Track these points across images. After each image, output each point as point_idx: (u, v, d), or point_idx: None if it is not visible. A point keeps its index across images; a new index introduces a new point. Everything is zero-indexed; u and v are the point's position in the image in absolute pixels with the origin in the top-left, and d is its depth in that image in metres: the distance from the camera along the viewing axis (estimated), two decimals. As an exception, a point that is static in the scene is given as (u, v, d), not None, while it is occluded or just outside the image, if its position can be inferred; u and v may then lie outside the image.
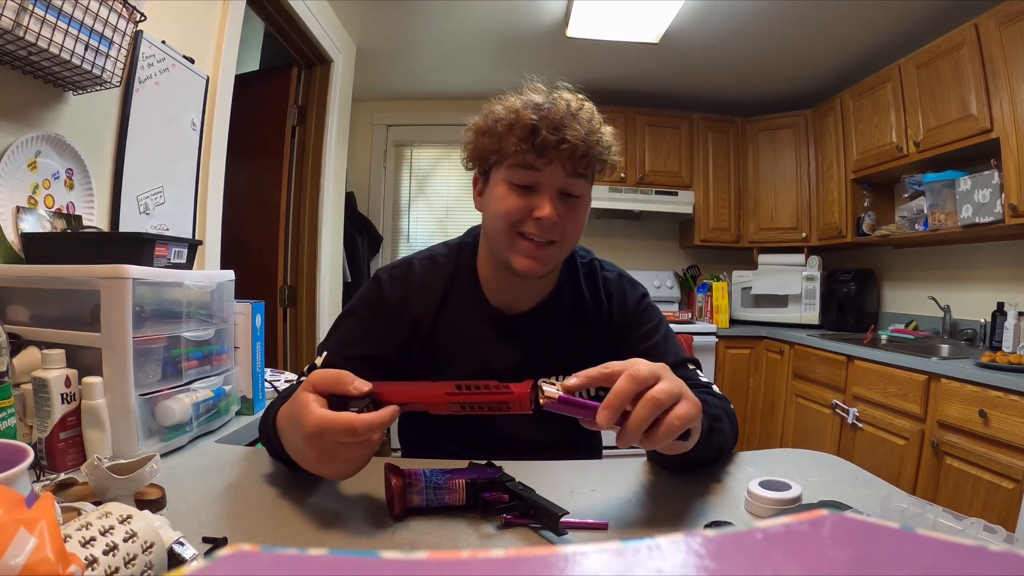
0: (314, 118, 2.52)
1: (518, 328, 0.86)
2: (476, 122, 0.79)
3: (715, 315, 3.08)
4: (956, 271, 2.45)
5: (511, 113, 0.74)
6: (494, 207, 0.78)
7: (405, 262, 0.88)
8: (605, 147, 0.77)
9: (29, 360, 0.80)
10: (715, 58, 2.75)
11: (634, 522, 0.61)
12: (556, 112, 0.73)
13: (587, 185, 0.79)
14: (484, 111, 0.79)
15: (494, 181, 0.79)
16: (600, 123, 0.77)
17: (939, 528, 0.54)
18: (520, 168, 0.75)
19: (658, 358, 0.82)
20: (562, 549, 0.15)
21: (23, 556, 0.33)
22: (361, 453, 0.53)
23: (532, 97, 0.76)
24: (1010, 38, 1.82)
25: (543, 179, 0.75)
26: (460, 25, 2.52)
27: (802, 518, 0.16)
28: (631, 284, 0.93)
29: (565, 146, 0.72)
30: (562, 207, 0.76)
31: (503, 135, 0.74)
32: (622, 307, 0.89)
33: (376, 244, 3.43)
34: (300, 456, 0.56)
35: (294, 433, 0.55)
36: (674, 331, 0.92)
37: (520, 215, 0.75)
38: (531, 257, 0.76)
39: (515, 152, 0.74)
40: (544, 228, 0.74)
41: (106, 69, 1.04)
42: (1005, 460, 1.55)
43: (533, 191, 0.75)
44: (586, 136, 0.73)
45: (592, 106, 0.78)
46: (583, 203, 0.79)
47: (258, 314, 1.10)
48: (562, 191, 0.76)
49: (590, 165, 0.76)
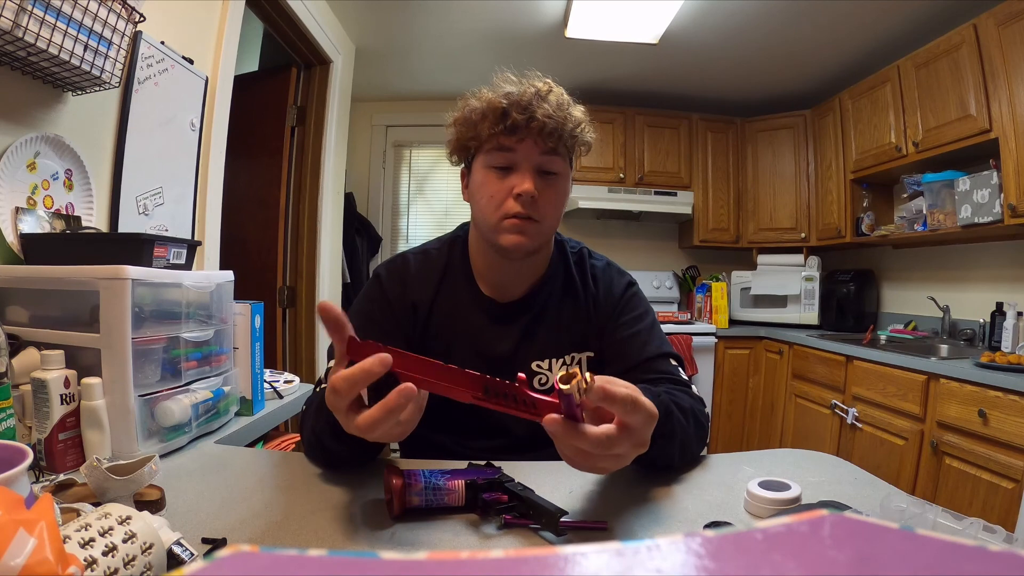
0: (313, 118, 2.52)
1: (511, 314, 0.88)
2: (454, 115, 0.84)
3: (714, 315, 3.08)
4: (955, 271, 2.45)
5: (483, 102, 0.79)
6: (478, 192, 0.82)
7: (400, 256, 0.92)
8: (575, 123, 0.80)
9: (28, 361, 0.80)
10: (714, 58, 2.75)
11: (634, 522, 0.61)
12: (524, 95, 0.77)
13: (563, 163, 0.82)
14: (459, 104, 0.83)
15: (476, 169, 0.83)
16: (569, 103, 0.81)
17: (939, 528, 0.54)
18: (496, 151, 0.79)
19: (640, 346, 0.85)
20: (562, 549, 0.15)
21: (22, 557, 0.33)
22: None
23: (503, 87, 0.80)
24: (1009, 38, 1.82)
25: (519, 158, 0.79)
26: (459, 25, 2.52)
27: (802, 518, 0.16)
28: (618, 273, 0.95)
29: (535, 123, 0.76)
30: (540, 183, 0.79)
31: (477, 122, 0.79)
32: (608, 294, 0.91)
33: (375, 244, 3.43)
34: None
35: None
36: (666, 332, 0.93)
37: (502, 195, 0.79)
38: (517, 232, 0.79)
39: (489, 136, 0.78)
40: (525, 203, 0.78)
41: (105, 70, 1.04)
42: (1004, 460, 1.55)
43: (512, 171, 0.79)
44: (554, 112, 0.77)
45: (561, 90, 0.82)
46: (561, 180, 0.82)
47: (257, 315, 1.10)
48: (539, 168, 0.79)
49: (561, 139, 0.79)
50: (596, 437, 0.48)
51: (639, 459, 0.59)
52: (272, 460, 0.81)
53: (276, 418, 1.15)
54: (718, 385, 2.96)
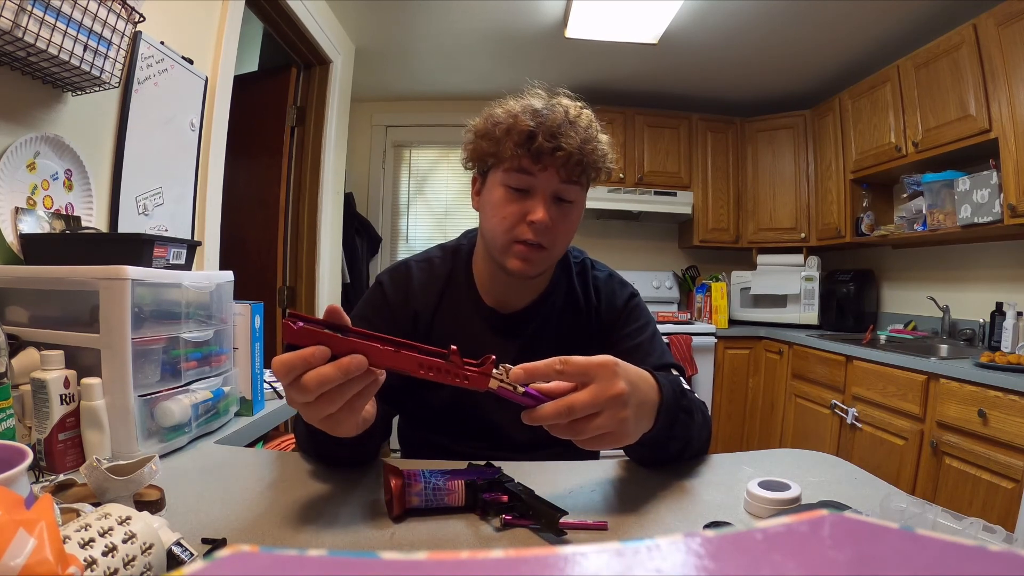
0: (313, 119, 2.52)
1: (512, 326, 0.88)
2: (476, 124, 0.81)
3: (714, 315, 3.08)
4: (955, 271, 2.45)
5: (509, 117, 0.76)
6: (491, 210, 0.80)
7: (403, 264, 0.91)
8: (600, 155, 0.78)
9: (28, 361, 0.79)
10: (714, 58, 2.75)
11: (634, 522, 0.61)
12: (553, 119, 0.74)
13: (581, 192, 0.80)
14: (484, 114, 0.80)
15: (491, 183, 0.80)
16: (598, 131, 0.78)
17: (938, 528, 0.54)
18: (516, 172, 0.76)
19: (641, 358, 0.83)
20: (562, 549, 0.15)
21: (22, 557, 0.33)
22: (331, 397, 0.50)
23: (531, 102, 0.77)
24: (1009, 38, 1.82)
25: (538, 184, 0.76)
26: (459, 25, 2.52)
27: (802, 518, 0.16)
28: (620, 284, 0.94)
29: (560, 153, 0.73)
30: (555, 211, 0.77)
31: (500, 139, 0.76)
32: (610, 306, 0.91)
33: (375, 245, 3.43)
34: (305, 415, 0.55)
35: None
36: (666, 332, 0.93)
37: (515, 219, 0.77)
38: (523, 259, 0.78)
39: (511, 156, 0.75)
40: (537, 231, 0.76)
41: (105, 70, 1.04)
42: (1004, 460, 1.55)
43: (528, 195, 0.77)
44: (582, 144, 0.74)
45: (590, 113, 0.80)
46: (576, 209, 0.81)
47: (257, 315, 1.10)
48: (556, 196, 0.78)
49: (584, 172, 0.77)
50: (553, 409, 0.53)
51: (661, 443, 0.65)
52: (272, 460, 0.81)
53: (276, 418, 1.15)
54: (718, 385, 2.96)
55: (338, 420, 0.52)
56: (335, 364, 0.48)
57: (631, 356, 0.86)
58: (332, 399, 0.50)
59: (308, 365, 0.48)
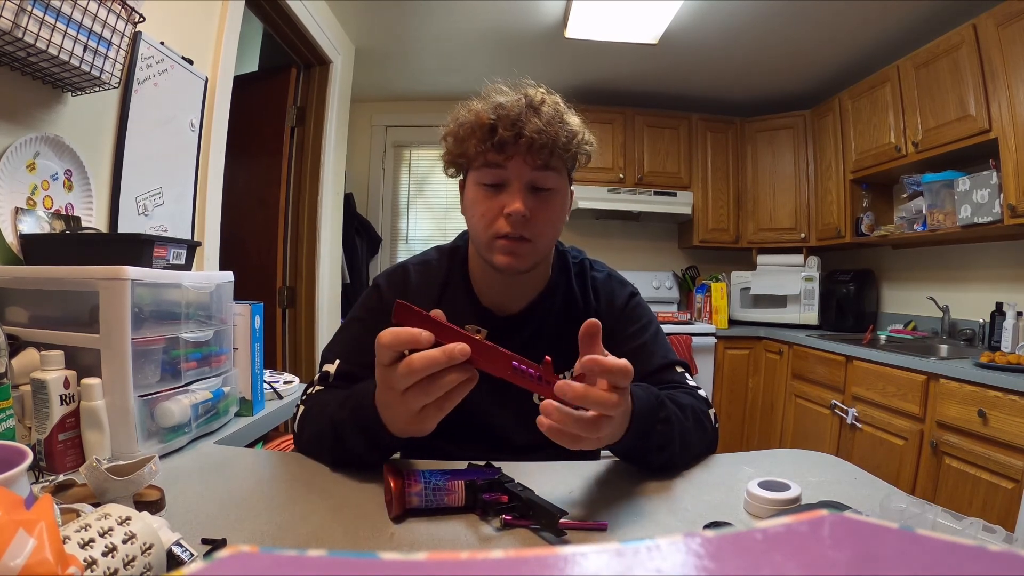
0: (313, 119, 2.52)
1: (510, 328, 0.87)
2: (445, 128, 0.81)
3: (714, 316, 3.08)
4: (955, 271, 2.45)
5: (472, 115, 0.76)
6: (471, 210, 0.80)
7: (400, 266, 0.91)
8: (569, 136, 0.76)
9: (28, 361, 0.79)
10: (714, 58, 2.76)
11: (634, 522, 0.61)
12: (513, 108, 0.74)
13: (558, 178, 0.78)
14: (449, 118, 0.80)
15: (469, 184, 0.81)
16: (563, 113, 0.77)
17: (938, 528, 0.54)
18: (486, 168, 0.76)
19: (645, 358, 0.83)
20: (562, 550, 0.15)
21: (22, 557, 0.33)
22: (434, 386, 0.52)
23: (495, 98, 0.77)
24: (1008, 38, 1.82)
25: (510, 175, 0.76)
26: (459, 26, 2.52)
27: (802, 518, 0.16)
28: (620, 284, 0.93)
29: (523, 139, 0.73)
30: (532, 201, 0.76)
31: (465, 139, 0.76)
32: (610, 307, 0.90)
33: (375, 245, 3.43)
34: (392, 412, 0.58)
35: (382, 392, 0.57)
36: (666, 332, 0.92)
37: (493, 215, 0.76)
38: (507, 253, 0.77)
39: (477, 153, 0.75)
40: (515, 223, 0.75)
41: (105, 70, 1.04)
42: (1004, 460, 1.55)
43: (502, 188, 0.76)
44: (544, 127, 0.73)
45: (557, 99, 0.78)
46: (556, 196, 0.79)
47: (257, 315, 1.10)
48: (531, 185, 0.76)
49: (554, 154, 0.75)
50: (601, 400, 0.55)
51: (639, 453, 0.65)
52: (272, 460, 0.81)
53: (276, 419, 1.15)
54: (718, 385, 2.96)
55: (427, 415, 0.54)
56: (441, 348, 0.50)
57: (634, 357, 0.86)
58: (429, 388, 0.51)
59: (416, 342, 0.49)
